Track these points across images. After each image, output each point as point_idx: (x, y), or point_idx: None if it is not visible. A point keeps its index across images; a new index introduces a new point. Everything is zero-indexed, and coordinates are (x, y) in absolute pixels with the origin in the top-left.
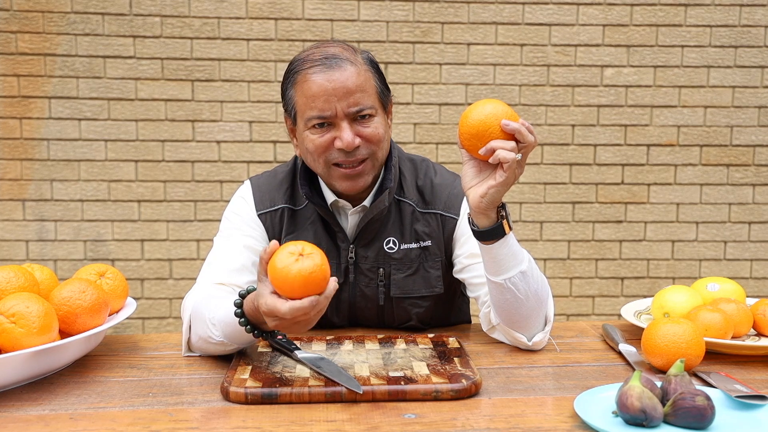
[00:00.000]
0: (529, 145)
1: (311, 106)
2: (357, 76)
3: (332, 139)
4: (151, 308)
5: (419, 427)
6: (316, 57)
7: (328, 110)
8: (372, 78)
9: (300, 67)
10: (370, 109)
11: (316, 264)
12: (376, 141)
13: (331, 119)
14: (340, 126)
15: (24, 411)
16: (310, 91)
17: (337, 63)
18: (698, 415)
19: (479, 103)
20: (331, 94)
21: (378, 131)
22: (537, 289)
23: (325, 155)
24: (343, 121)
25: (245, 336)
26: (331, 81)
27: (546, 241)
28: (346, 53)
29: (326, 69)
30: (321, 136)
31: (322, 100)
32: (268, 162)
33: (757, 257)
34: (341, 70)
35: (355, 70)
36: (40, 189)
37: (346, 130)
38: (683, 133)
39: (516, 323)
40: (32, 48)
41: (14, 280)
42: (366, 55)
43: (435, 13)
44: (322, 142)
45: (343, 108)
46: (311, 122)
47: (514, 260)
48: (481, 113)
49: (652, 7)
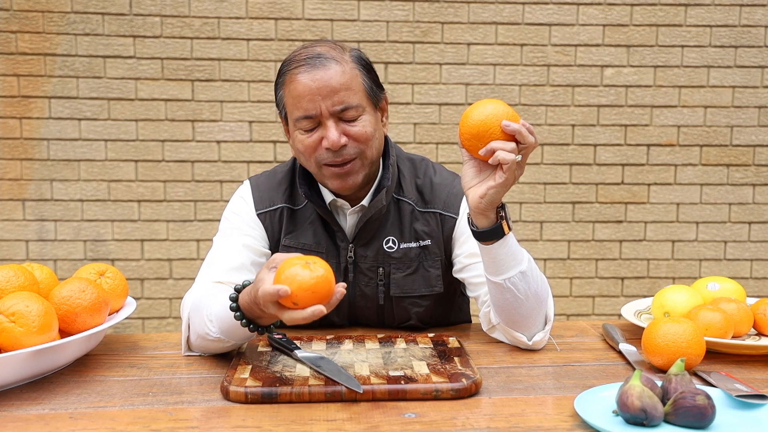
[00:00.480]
0: (530, 146)
1: (297, 106)
2: (342, 75)
3: (320, 139)
4: (151, 308)
5: (419, 426)
6: (302, 57)
7: (313, 110)
8: (359, 76)
9: (287, 68)
10: (356, 108)
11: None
12: (363, 140)
13: (318, 118)
14: (326, 125)
15: (24, 410)
16: (296, 91)
17: (322, 62)
18: (699, 415)
19: (480, 103)
20: (315, 93)
21: (366, 130)
22: (537, 289)
23: (315, 156)
24: (329, 120)
25: (242, 331)
26: (315, 80)
27: (546, 241)
28: (332, 52)
29: (311, 69)
30: (309, 137)
31: (307, 100)
32: (268, 162)
33: (757, 257)
34: (325, 69)
35: (340, 68)
36: (40, 189)
37: (331, 129)
38: (683, 133)
39: (516, 323)
40: (32, 48)
41: (14, 280)
42: (355, 53)
43: (435, 13)
44: (311, 142)
45: (328, 107)
46: (299, 123)
47: (514, 260)
48: (481, 113)
49: (652, 7)
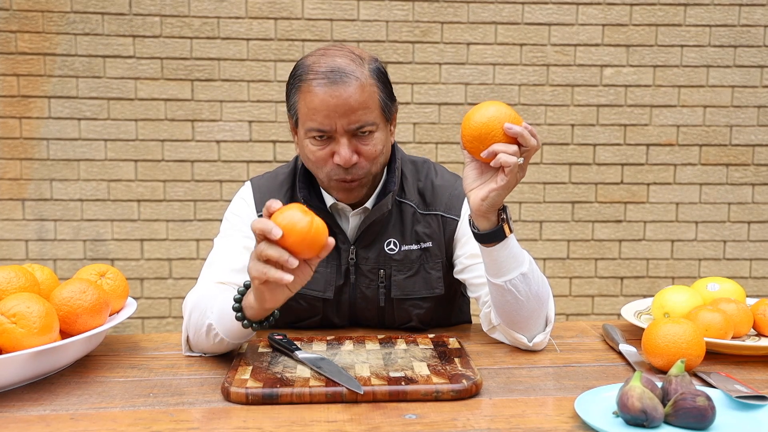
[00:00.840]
0: (532, 149)
1: (312, 118)
2: (361, 93)
3: (331, 153)
4: (151, 308)
5: (420, 427)
6: (322, 68)
7: (328, 125)
8: (377, 92)
9: (305, 77)
10: (371, 126)
11: (321, 224)
12: (373, 158)
13: (331, 133)
14: (339, 141)
15: (25, 411)
16: (312, 103)
17: (342, 78)
18: (699, 416)
19: (482, 105)
20: (332, 110)
21: (376, 148)
22: (538, 291)
23: (324, 168)
24: (343, 137)
25: (240, 329)
26: (334, 97)
27: (545, 240)
28: (352, 66)
29: (330, 84)
30: (321, 149)
31: (323, 115)
32: (267, 161)
33: (756, 257)
34: (345, 86)
35: (359, 85)
36: (40, 188)
37: (344, 146)
38: (682, 132)
39: (516, 324)
40: (32, 47)
41: (15, 281)
42: (373, 66)
43: (434, 12)
44: (322, 155)
45: (344, 125)
46: (311, 133)
47: (515, 262)
48: (484, 116)
49: (652, 7)
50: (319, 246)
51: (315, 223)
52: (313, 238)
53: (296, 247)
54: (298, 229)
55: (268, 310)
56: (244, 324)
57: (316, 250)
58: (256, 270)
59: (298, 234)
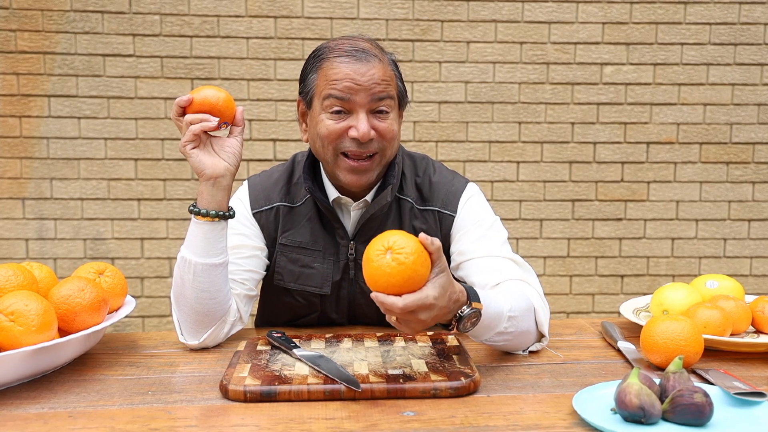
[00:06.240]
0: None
1: (333, 86)
2: (383, 72)
3: (347, 128)
4: (151, 306)
5: (418, 424)
6: (346, 47)
7: (348, 94)
8: (395, 78)
9: (328, 54)
10: (390, 102)
11: (226, 95)
12: (389, 138)
13: (351, 106)
14: (358, 116)
15: (23, 409)
16: (336, 75)
17: (366, 57)
18: (697, 412)
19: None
20: (355, 81)
21: (392, 128)
22: (526, 326)
23: (336, 143)
24: (362, 112)
25: (207, 241)
26: (358, 72)
27: (546, 238)
28: (375, 50)
29: (355, 60)
30: (337, 123)
31: (345, 83)
32: (267, 160)
33: (756, 254)
34: (369, 64)
35: (381, 66)
36: (40, 187)
37: (363, 120)
38: (683, 130)
39: (511, 351)
40: (31, 46)
41: (13, 279)
42: (392, 56)
43: (434, 11)
44: (337, 128)
45: (365, 99)
46: (328, 101)
47: (492, 324)
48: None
49: (652, 5)
50: (230, 112)
51: (223, 93)
52: (224, 103)
53: (212, 113)
54: (209, 97)
55: (216, 194)
56: (201, 213)
57: (229, 115)
58: (185, 137)
59: (210, 100)
